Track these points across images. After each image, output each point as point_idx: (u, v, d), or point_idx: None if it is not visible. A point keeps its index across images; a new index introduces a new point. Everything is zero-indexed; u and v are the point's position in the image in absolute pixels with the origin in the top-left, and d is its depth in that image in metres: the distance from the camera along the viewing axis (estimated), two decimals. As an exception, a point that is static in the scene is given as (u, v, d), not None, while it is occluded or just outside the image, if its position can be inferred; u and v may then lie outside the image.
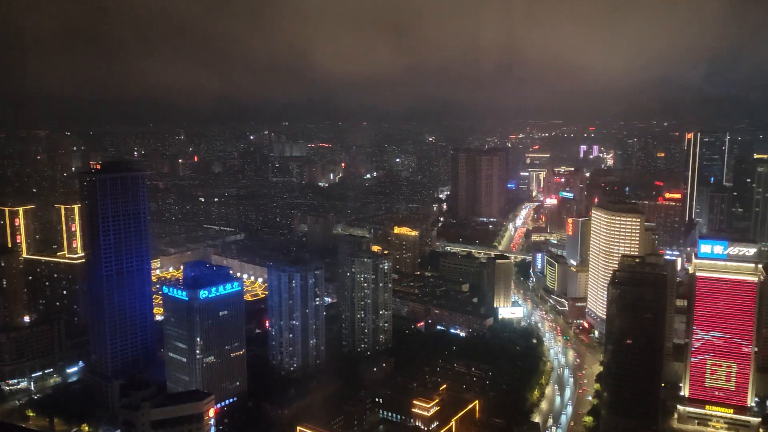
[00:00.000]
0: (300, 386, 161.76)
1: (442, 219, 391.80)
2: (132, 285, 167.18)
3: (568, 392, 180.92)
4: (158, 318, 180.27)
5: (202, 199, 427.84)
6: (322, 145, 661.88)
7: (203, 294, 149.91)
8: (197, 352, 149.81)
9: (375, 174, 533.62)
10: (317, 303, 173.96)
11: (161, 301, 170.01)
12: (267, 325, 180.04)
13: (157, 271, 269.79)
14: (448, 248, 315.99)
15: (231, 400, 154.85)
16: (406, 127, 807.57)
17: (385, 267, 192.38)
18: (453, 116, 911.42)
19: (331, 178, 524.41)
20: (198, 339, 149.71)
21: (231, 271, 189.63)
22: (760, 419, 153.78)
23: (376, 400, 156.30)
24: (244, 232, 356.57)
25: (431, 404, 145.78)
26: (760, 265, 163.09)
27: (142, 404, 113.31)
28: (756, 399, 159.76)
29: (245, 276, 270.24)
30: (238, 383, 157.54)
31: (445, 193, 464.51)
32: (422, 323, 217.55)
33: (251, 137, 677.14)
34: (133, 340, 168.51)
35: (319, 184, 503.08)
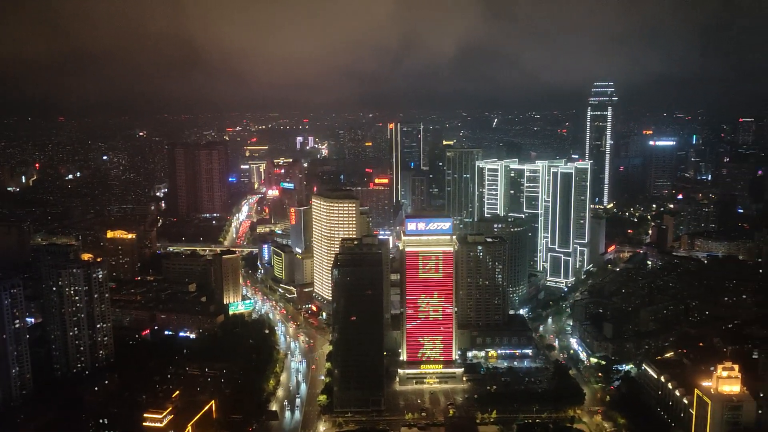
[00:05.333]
0: (3, 425, 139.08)
1: (161, 218, 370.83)
2: None
3: (301, 376, 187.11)
4: None
5: None
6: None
7: None
8: None
9: (79, 174, 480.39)
10: (17, 325, 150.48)
11: None
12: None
13: None
14: (171, 248, 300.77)
15: None
16: (113, 121, 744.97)
17: (99, 276, 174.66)
18: (167, 110, 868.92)
19: (23, 181, 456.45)
20: None
21: None
22: (462, 369, 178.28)
23: (101, 421, 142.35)
24: None
25: (164, 414, 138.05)
26: (454, 237, 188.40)
27: None
28: (459, 352, 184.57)
29: None
30: None
31: (163, 190, 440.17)
32: (148, 331, 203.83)
33: None
34: None
35: (8, 188, 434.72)
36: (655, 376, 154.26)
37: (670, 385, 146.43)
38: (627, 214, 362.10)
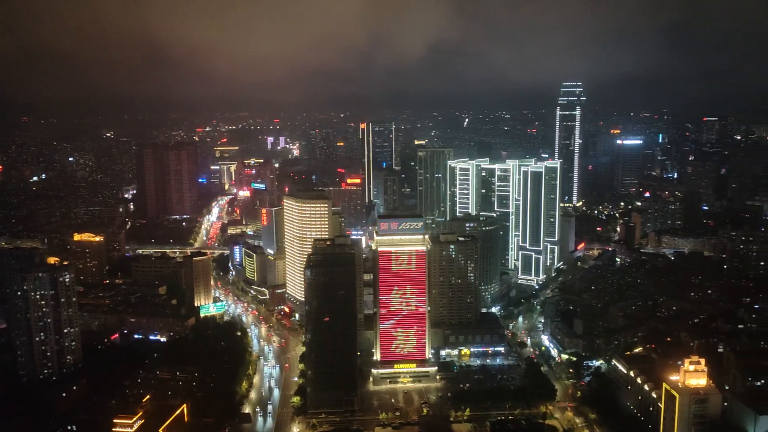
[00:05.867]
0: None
1: (129, 220, 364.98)
2: None
3: (274, 378, 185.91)
4: None
5: None
6: None
7: None
8: None
9: (44, 176, 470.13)
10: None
11: None
12: None
13: None
14: (140, 251, 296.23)
15: None
16: (79, 122, 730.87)
17: (66, 279, 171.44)
18: (134, 110, 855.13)
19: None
20: None
21: None
22: (436, 368, 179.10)
23: (70, 428, 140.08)
24: None
25: (134, 419, 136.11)
26: (426, 236, 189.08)
27: None
28: (432, 350, 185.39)
29: None
30: None
31: (131, 192, 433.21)
32: (117, 335, 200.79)
33: None
34: None
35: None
36: (625, 371, 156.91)
37: (639, 380, 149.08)
38: (596, 212, 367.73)
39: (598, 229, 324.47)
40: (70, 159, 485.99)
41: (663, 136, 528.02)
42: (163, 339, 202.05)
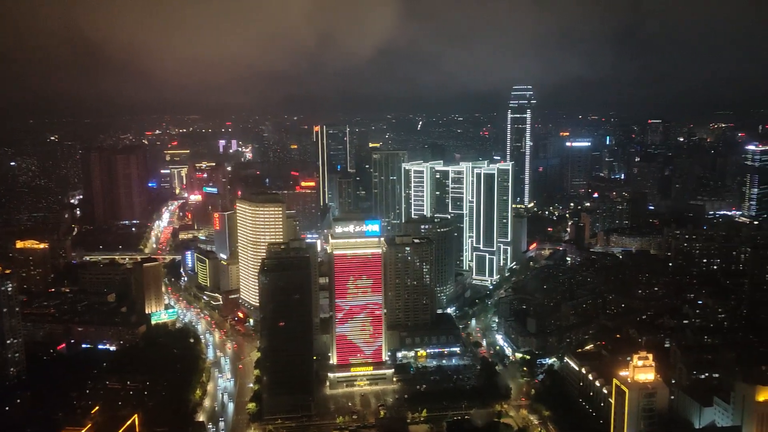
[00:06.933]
0: None
1: (76, 226, 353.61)
2: None
3: (230, 384, 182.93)
4: None
5: None
6: None
7: None
8: None
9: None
10: None
11: None
12: None
13: None
14: (88, 258, 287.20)
15: None
16: (21, 125, 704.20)
17: (8, 288, 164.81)
18: (80, 113, 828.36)
19: None
20: None
21: None
22: (392, 370, 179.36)
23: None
24: None
25: (82, 431, 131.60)
26: (382, 239, 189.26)
27: None
28: (389, 353, 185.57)
29: None
30: None
31: (78, 197, 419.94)
32: (63, 345, 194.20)
33: None
34: None
35: None
36: (577, 368, 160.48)
37: (590, 377, 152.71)
38: (547, 212, 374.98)
39: (549, 229, 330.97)
40: (12, 164, 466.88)
41: (610, 138, 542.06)
42: (112, 348, 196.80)
